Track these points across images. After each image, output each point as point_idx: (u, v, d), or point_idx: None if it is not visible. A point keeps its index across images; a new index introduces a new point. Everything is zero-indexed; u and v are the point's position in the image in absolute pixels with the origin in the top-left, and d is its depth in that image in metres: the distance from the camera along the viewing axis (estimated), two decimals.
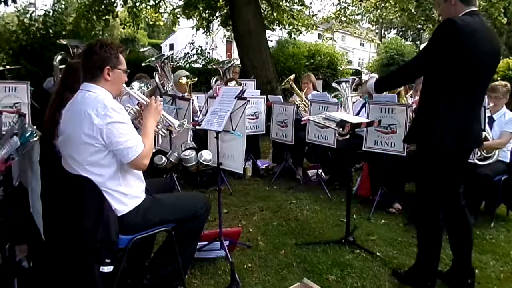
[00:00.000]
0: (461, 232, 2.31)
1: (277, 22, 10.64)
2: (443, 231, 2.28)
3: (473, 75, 2.00)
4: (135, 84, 2.48)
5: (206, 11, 10.29)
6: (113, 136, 1.75)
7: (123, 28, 12.38)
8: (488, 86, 2.19)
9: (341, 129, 2.79)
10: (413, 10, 10.70)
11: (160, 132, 2.31)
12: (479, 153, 3.30)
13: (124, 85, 2.04)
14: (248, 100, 2.75)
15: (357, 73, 16.19)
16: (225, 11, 9.89)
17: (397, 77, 2.34)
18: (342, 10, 11.24)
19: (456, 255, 2.35)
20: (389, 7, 10.81)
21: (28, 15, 7.69)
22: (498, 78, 7.69)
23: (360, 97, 4.56)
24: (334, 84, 4.56)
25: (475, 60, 1.97)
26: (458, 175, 2.25)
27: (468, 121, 2.06)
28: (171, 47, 28.13)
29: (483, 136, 3.27)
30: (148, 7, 10.04)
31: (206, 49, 9.74)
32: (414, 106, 3.82)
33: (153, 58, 4.59)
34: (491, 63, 2.10)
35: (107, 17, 9.10)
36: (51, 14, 7.50)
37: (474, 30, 1.95)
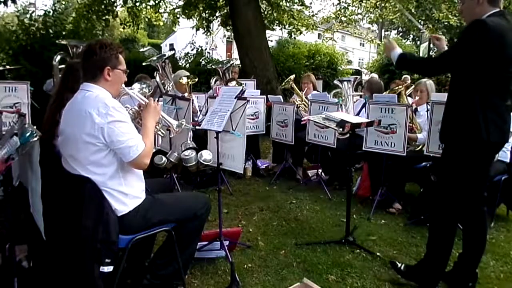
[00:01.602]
0: (477, 237, 2.28)
1: (277, 22, 10.64)
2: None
3: (501, 74, 2.03)
4: (136, 86, 2.48)
5: (206, 11, 10.29)
6: (114, 135, 1.75)
7: (123, 28, 12.36)
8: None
9: (341, 129, 2.79)
10: (413, 10, 10.69)
11: (159, 132, 2.32)
12: None
13: (123, 85, 2.04)
14: (248, 100, 2.75)
15: (357, 73, 16.16)
16: (225, 11, 9.88)
17: (421, 66, 2.33)
18: (342, 10, 11.23)
19: (464, 258, 2.32)
20: (389, 7, 10.81)
21: (28, 15, 7.69)
22: None
23: (360, 97, 4.57)
24: (336, 82, 4.56)
25: (504, 60, 2.00)
26: (488, 174, 2.24)
27: (503, 116, 2.09)
28: (171, 47, 28.14)
29: None
30: (148, 7, 10.04)
31: (206, 49, 9.74)
32: (414, 106, 3.84)
33: (154, 58, 4.59)
34: None
35: (107, 17, 9.10)
36: (51, 14, 7.50)
37: (503, 30, 1.97)
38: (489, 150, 2.13)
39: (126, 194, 1.86)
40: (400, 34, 31.54)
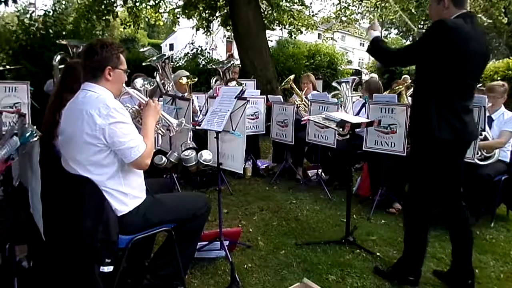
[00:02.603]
0: (461, 233, 2.32)
1: (277, 22, 10.64)
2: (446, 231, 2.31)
3: (461, 73, 2.08)
4: (139, 81, 2.48)
5: (206, 11, 10.29)
6: (116, 136, 1.75)
7: (123, 28, 12.37)
8: (476, 85, 2.28)
9: (341, 129, 2.79)
10: (413, 10, 10.70)
11: (159, 131, 2.32)
12: (479, 153, 3.30)
13: (123, 84, 2.04)
14: (248, 100, 2.74)
15: (357, 73, 16.16)
16: (225, 11, 9.88)
17: (385, 55, 2.41)
18: (342, 10, 11.24)
19: (456, 256, 2.36)
20: (389, 7, 10.81)
21: (28, 15, 7.69)
22: (498, 78, 7.69)
23: (360, 97, 4.57)
24: (334, 84, 4.56)
25: (464, 59, 2.05)
26: (457, 172, 2.27)
27: (459, 115, 2.12)
28: (171, 47, 28.13)
29: (483, 136, 3.28)
30: (148, 7, 10.04)
31: (206, 49, 9.74)
32: None
33: (154, 58, 4.59)
34: (479, 63, 2.17)
35: (107, 17, 9.10)
36: (51, 14, 7.49)
37: (464, 32, 2.03)
38: (443, 148, 2.15)
39: (126, 194, 1.86)
40: (400, 34, 31.53)
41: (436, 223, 2.68)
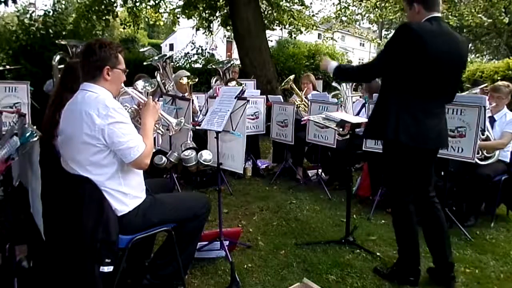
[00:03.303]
0: (433, 228, 2.34)
1: (277, 22, 10.64)
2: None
3: (424, 74, 2.08)
4: (140, 83, 2.48)
5: (206, 11, 10.29)
6: (115, 136, 1.75)
7: (123, 28, 12.37)
8: (450, 86, 2.25)
9: (341, 129, 2.79)
10: None
11: (158, 130, 2.32)
12: (479, 153, 3.30)
13: (122, 84, 2.04)
14: (248, 100, 2.74)
15: None
16: (225, 11, 9.88)
17: (355, 74, 2.44)
18: (343, 10, 11.23)
19: (432, 251, 2.39)
20: (389, 7, 10.80)
21: (28, 15, 7.68)
22: (498, 78, 7.67)
23: (360, 97, 4.57)
24: (334, 84, 4.57)
25: (426, 60, 2.05)
26: (423, 173, 2.30)
27: (419, 118, 2.12)
28: (171, 47, 28.12)
29: (485, 136, 3.28)
30: (148, 7, 10.04)
31: (206, 49, 9.74)
32: None
33: (156, 58, 4.59)
34: (450, 64, 2.14)
35: (107, 17, 9.09)
36: (51, 14, 7.50)
37: (428, 33, 2.05)
38: (405, 152, 2.17)
39: (126, 194, 1.86)
40: None
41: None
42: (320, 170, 4.49)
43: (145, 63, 4.72)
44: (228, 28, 10.42)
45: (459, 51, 2.18)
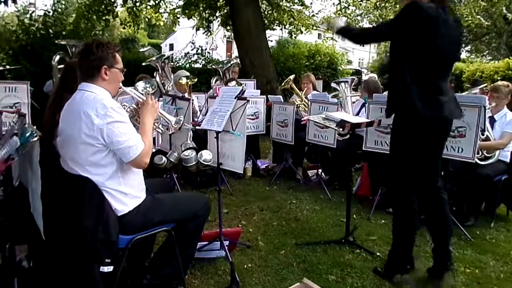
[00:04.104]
0: (437, 216, 2.33)
1: (277, 22, 10.64)
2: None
3: (432, 53, 2.13)
4: (140, 84, 2.48)
5: (206, 11, 10.29)
6: (114, 135, 1.75)
7: (123, 28, 12.37)
8: (450, 68, 2.31)
9: (341, 129, 2.79)
10: None
11: (157, 129, 2.32)
12: (479, 153, 3.30)
13: (121, 84, 2.04)
14: (248, 100, 2.74)
15: (357, 73, 16.18)
16: (225, 11, 9.88)
17: (359, 35, 2.48)
18: (343, 10, 11.24)
19: (434, 240, 2.37)
20: (389, 7, 10.81)
21: (28, 15, 7.67)
22: (498, 78, 7.68)
23: (360, 97, 4.57)
24: (333, 84, 4.57)
25: (435, 41, 2.10)
26: (437, 152, 2.29)
27: (433, 93, 2.16)
28: (171, 47, 28.12)
29: (485, 136, 3.29)
30: (148, 7, 10.04)
31: (206, 49, 9.74)
32: None
33: (154, 58, 4.59)
34: (451, 46, 2.21)
35: (107, 17, 9.09)
36: (51, 14, 7.48)
37: (436, 15, 2.08)
38: (426, 126, 2.17)
39: (126, 194, 1.86)
40: None
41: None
42: (320, 170, 4.49)
43: (143, 64, 4.71)
44: (228, 28, 10.42)
45: (458, 35, 2.28)
